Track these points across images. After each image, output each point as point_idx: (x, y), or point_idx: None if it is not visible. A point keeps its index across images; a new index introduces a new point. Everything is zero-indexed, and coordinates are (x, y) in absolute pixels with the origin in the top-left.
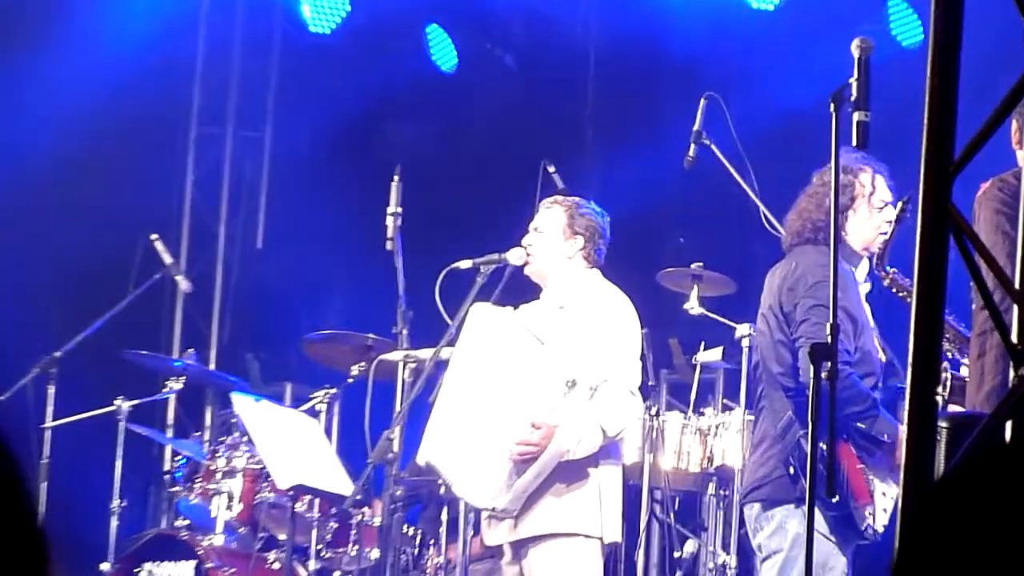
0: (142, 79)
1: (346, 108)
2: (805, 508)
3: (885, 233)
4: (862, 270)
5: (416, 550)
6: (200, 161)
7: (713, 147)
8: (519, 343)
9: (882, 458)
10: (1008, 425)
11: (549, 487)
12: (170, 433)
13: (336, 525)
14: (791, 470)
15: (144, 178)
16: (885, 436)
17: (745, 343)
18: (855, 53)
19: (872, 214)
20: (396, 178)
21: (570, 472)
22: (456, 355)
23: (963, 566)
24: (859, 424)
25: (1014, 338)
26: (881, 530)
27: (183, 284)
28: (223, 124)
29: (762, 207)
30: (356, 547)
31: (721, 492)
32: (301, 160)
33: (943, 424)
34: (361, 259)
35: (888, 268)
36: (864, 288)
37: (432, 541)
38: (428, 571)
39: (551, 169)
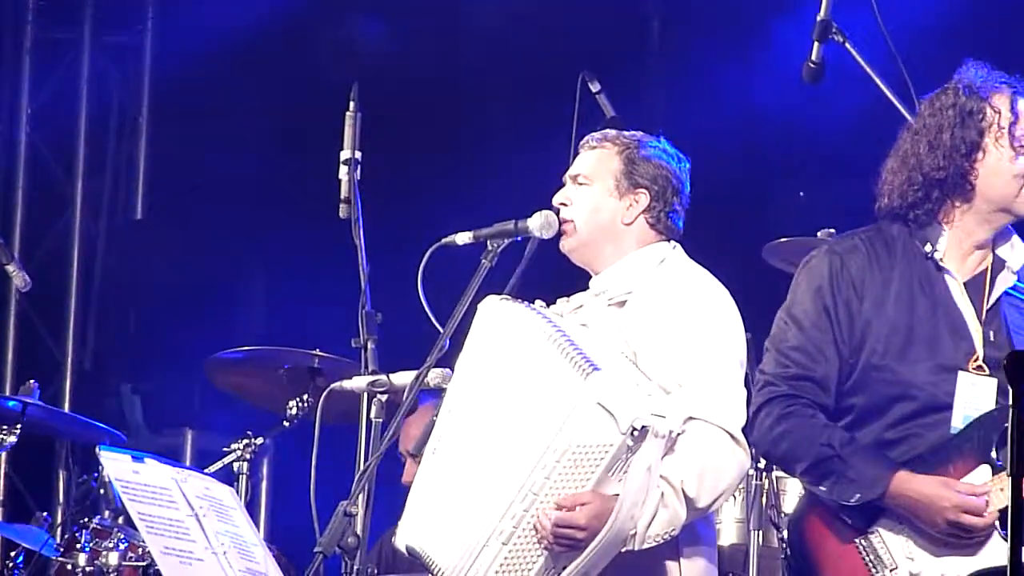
0: None
1: None
2: None
3: None
4: (1009, 250)
5: None
6: (41, 84)
7: (848, 46)
8: (552, 362)
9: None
10: None
11: None
12: (0, 514)
13: None
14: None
15: None
16: (856, 498)
17: None
18: None
19: (1012, 156)
20: (352, 106)
21: (637, 568)
22: (454, 380)
23: None
24: (820, 488)
25: None
26: None
27: (17, 278)
28: (77, 25)
29: None
30: None
31: None
32: (201, 80)
33: None
34: (299, 234)
35: None
36: (1005, 279)
37: None
38: None
39: (594, 87)
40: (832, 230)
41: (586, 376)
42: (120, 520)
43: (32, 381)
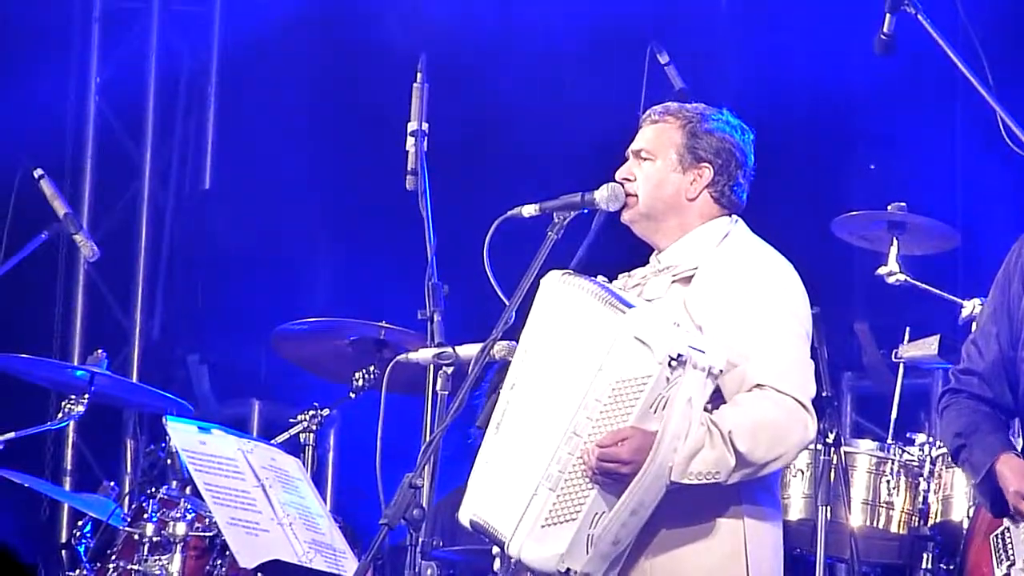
0: None
1: None
2: None
3: None
4: None
5: None
6: (110, 54)
7: (921, 18)
8: (594, 313)
9: None
10: None
11: (653, 535)
12: (68, 484)
13: None
14: None
15: (22, 81)
16: (971, 484)
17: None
18: None
19: None
20: (419, 77)
21: (689, 514)
22: (517, 355)
23: None
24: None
25: None
26: None
27: (86, 248)
28: None
29: (1001, 112)
30: None
31: (943, 567)
32: (270, 50)
33: None
34: (366, 205)
35: None
36: None
37: None
38: None
39: (663, 59)
40: (903, 204)
41: (622, 314)
42: (187, 490)
43: (100, 351)
